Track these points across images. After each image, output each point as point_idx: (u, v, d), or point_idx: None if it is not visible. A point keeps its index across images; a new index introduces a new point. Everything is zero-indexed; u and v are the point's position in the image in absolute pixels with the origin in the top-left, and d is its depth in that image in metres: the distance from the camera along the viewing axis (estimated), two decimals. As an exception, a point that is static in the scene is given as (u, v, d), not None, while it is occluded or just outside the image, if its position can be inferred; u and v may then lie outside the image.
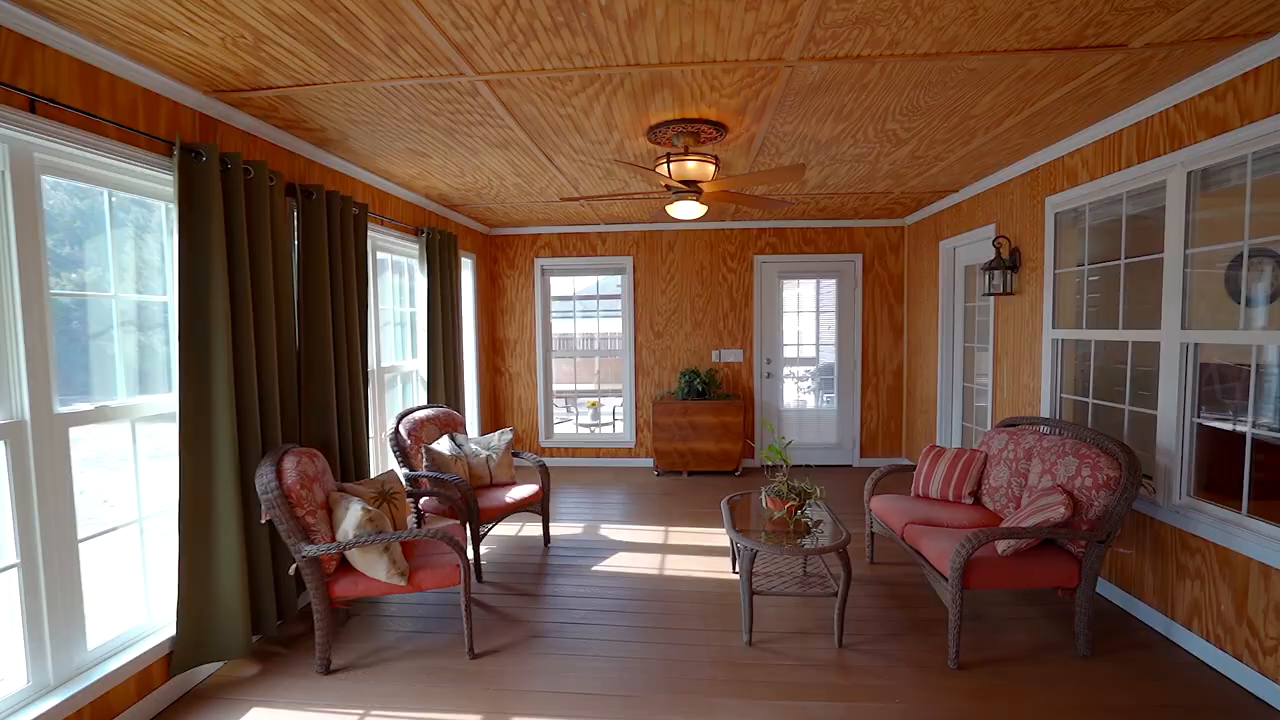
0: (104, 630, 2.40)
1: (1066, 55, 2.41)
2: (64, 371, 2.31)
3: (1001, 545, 2.78)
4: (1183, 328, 2.81)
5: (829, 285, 6.43)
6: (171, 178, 2.53)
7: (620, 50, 2.33)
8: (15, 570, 2.05)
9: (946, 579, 2.74)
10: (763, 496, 3.33)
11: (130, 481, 2.59)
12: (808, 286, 6.54)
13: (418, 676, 2.70)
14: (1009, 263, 4.13)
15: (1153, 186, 3.00)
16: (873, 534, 3.89)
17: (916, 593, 3.45)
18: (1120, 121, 3.12)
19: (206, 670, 2.72)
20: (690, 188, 3.32)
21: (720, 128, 3.21)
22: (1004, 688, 2.57)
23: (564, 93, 2.75)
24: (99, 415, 2.35)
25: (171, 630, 2.55)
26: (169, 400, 2.67)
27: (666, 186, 3.38)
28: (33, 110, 1.99)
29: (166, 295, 2.77)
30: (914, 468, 3.83)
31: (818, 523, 3.23)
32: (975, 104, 2.93)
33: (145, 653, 2.42)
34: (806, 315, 6.57)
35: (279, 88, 2.61)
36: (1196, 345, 2.79)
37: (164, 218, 2.73)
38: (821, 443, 6.48)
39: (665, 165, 3.24)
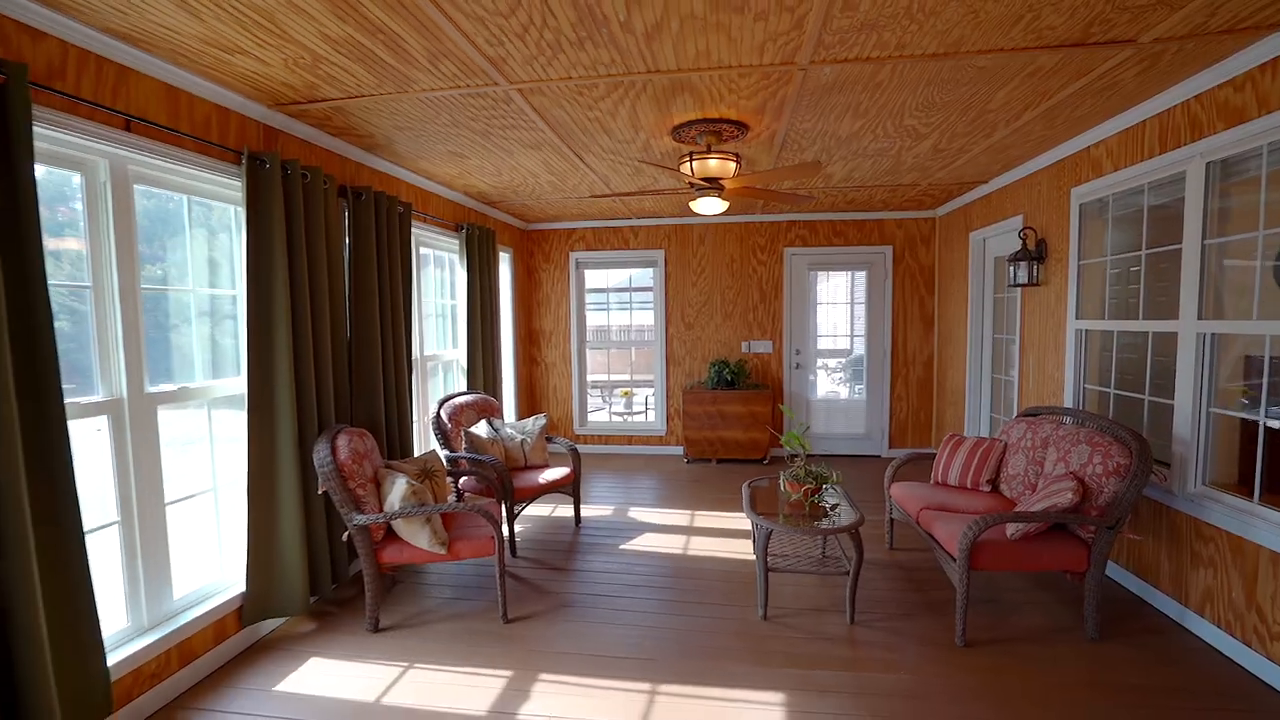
0: (186, 584, 2.73)
1: (1076, 52, 2.47)
2: (150, 357, 2.62)
3: (1010, 529, 2.87)
4: (1199, 318, 2.83)
5: (859, 277, 6.47)
6: (240, 183, 2.83)
7: (640, 59, 2.50)
8: (116, 526, 2.38)
9: (956, 560, 2.85)
10: (781, 480, 3.47)
11: (200, 459, 2.92)
12: (838, 278, 6.59)
13: (456, 637, 2.96)
14: (1035, 254, 4.14)
15: (1174, 177, 3.01)
16: (892, 520, 3.99)
17: (932, 576, 3.54)
18: (1143, 112, 3.13)
19: (270, 624, 3.04)
20: (712, 184, 3.48)
21: (741, 126, 3.35)
22: (1011, 665, 2.67)
23: (591, 98, 2.93)
24: (181, 395, 2.67)
25: (241, 587, 2.87)
26: (238, 383, 2.98)
27: (690, 184, 3.53)
28: (128, 129, 2.29)
29: (234, 289, 3.08)
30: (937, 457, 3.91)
31: (834, 506, 3.35)
32: (990, 99, 2.99)
33: (220, 605, 2.74)
34: (837, 307, 6.63)
35: (333, 100, 2.88)
36: (1214, 335, 2.81)
37: (231, 219, 3.03)
38: (850, 433, 6.54)
39: (688, 164, 3.40)
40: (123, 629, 2.39)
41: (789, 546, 3.87)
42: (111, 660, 2.23)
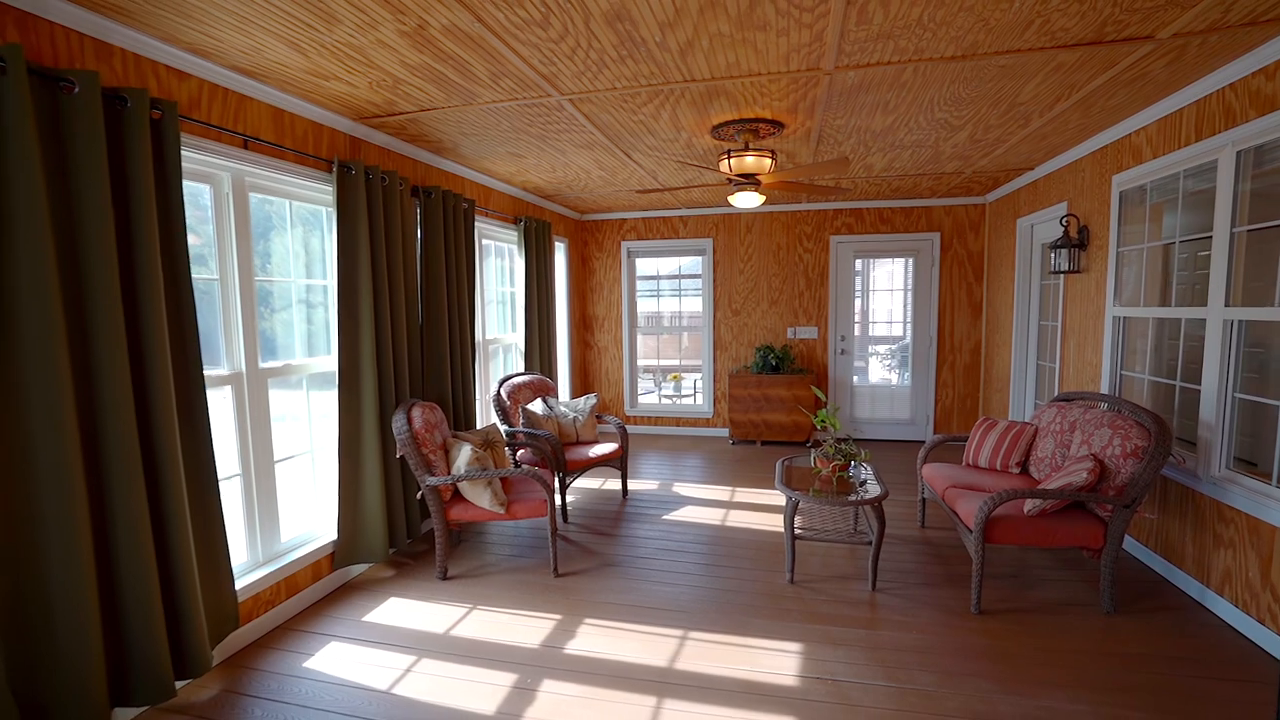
0: (290, 530, 3.22)
1: (1095, 49, 2.57)
2: (260, 339, 3.10)
3: (1028, 505, 3.02)
4: (1226, 305, 2.88)
5: (906, 264, 6.51)
6: (331, 188, 3.27)
7: (677, 70, 2.76)
8: (238, 478, 2.87)
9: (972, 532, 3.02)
10: (812, 457, 3.70)
11: (299, 426, 3.41)
12: (884, 265, 6.65)
13: (513, 586, 3.36)
14: (1077, 241, 4.17)
15: (1206, 165, 3.04)
16: (924, 500, 4.15)
17: (957, 553, 3.70)
18: (1182, 99, 3.15)
19: (357, 569, 3.53)
20: (749, 180, 3.70)
21: (777, 124, 3.55)
22: (1022, 631, 2.84)
23: (634, 104, 3.22)
24: (284, 370, 3.15)
25: (333, 536, 3.35)
26: (328, 361, 3.44)
27: (729, 180, 3.77)
28: (245, 146, 2.74)
29: (325, 280, 3.55)
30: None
31: (862, 482, 3.56)
32: (1019, 93, 3.10)
33: (316, 549, 3.22)
34: (882, 294, 6.70)
35: (408, 113, 3.27)
36: (1240, 322, 2.86)
37: (323, 219, 3.49)
38: (894, 418, 6.63)
39: (727, 161, 3.63)
40: (244, 562, 2.89)
41: (818, 520, 4.10)
42: (237, 586, 2.73)
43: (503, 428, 4.49)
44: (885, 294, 6.70)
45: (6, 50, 1.75)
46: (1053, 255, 4.31)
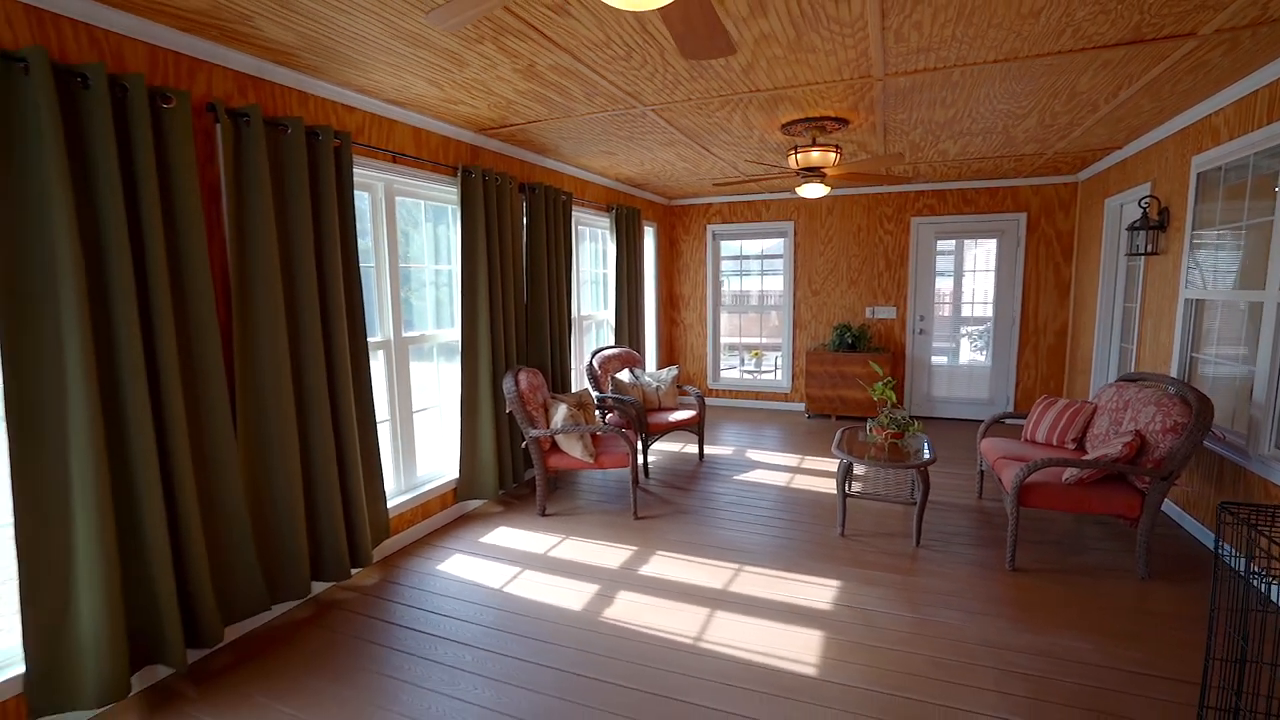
0: (424, 468, 4.02)
1: (1137, 47, 2.73)
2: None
3: (1066, 473, 3.25)
4: (1282, 288, 2.95)
5: (989, 245, 6.50)
6: (456, 190, 3.96)
7: (742, 83, 3.18)
8: (388, 423, 3.67)
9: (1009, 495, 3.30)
10: (868, 426, 4.05)
11: (427, 390, 4.18)
12: (967, 246, 6.66)
13: (600, 523, 3.99)
14: (1156, 223, 4.17)
15: (1275, 149, 3.07)
16: (981, 472, 4.37)
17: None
18: (1258, 80, 3.15)
19: (473, 504, 4.29)
20: (815, 172, 4.05)
21: (842, 121, 3.87)
22: (1052, 587, 3.11)
23: (708, 110, 3.66)
24: (420, 339, 3.91)
25: (455, 475, 4.12)
26: (450, 333, 4.18)
27: (796, 173, 4.13)
28: (394, 161, 3.46)
29: (450, 265, 4.28)
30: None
31: (916, 450, 3.87)
32: (1075, 84, 3.25)
33: (443, 484, 3.99)
34: (965, 274, 6.71)
35: (518, 125, 3.90)
36: (1295, 305, 2.92)
37: (448, 215, 4.21)
38: (973, 398, 6.69)
39: (794, 156, 4.00)
40: (392, 488, 3.70)
41: (877, 486, 4.43)
42: (388, 505, 3.52)
43: (594, 393, 5.12)
44: (967, 274, 6.72)
45: (250, 109, 2.49)
46: (1132, 237, 4.32)
